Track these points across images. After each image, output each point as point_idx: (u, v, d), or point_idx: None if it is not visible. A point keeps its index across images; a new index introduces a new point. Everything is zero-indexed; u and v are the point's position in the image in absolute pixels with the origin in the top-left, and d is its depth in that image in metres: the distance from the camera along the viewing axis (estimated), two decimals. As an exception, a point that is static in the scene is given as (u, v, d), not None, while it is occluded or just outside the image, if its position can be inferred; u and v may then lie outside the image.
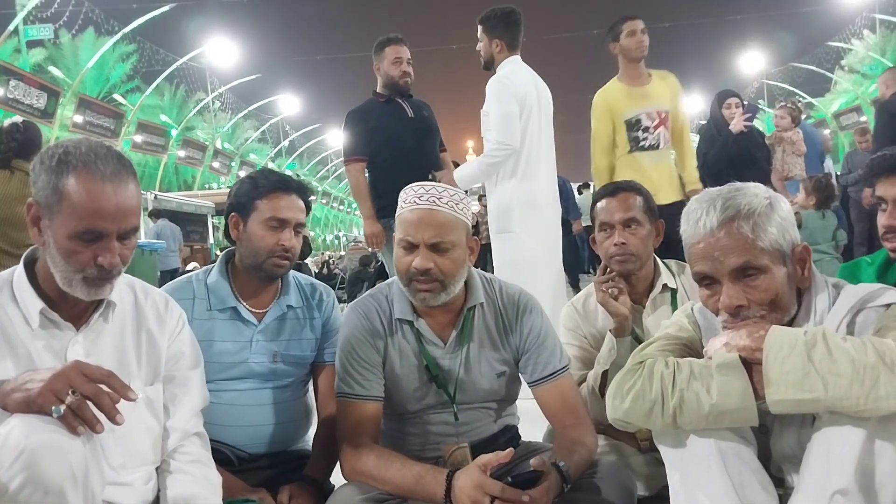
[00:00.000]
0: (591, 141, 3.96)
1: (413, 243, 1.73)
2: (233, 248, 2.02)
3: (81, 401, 1.25)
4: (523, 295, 1.90)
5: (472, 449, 1.72)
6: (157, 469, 1.55)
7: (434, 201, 1.74)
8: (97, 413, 1.26)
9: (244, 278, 1.98)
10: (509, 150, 3.64)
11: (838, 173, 7.68)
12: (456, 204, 1.75)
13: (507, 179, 3.71)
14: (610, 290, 2.08)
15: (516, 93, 3.66)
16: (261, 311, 1.98)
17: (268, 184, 1.94)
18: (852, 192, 7.13)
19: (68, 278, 1.39)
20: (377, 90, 4.09)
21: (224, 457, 1.86)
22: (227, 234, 2.01)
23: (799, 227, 4.96)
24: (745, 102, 5.34)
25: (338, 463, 1.84)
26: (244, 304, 1.97)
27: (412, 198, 1.76)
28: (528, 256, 3.67)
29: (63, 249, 1.37)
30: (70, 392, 1.25)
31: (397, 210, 1.80)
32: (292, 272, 2.07)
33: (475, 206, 9.02)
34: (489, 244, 4.02)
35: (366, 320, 1.82)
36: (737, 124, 4.95)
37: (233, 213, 1.97)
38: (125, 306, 1.54)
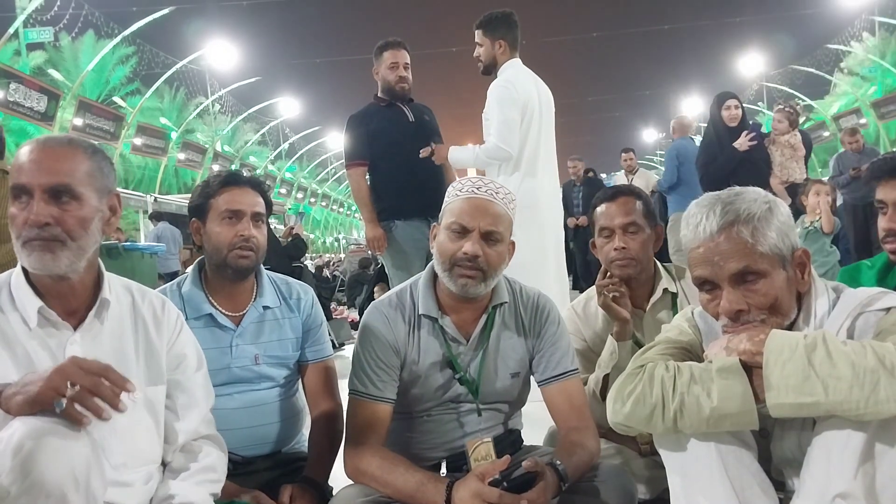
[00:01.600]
0: None
1: (467, 228, 1.75)
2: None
3: (82, 391, 1.26)
4: (542, 296, 1.93)
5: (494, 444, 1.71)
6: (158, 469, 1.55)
7: (492, 194, 1.79)
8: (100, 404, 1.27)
9: (216, 282, 1.98)
10: (507, 155, 3.64)
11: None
12: (509, 202, 1.82)
13: (508, 182, 3.69)
14: (611, 294, 2.09)
15: (518, 98, 3.66)
16: (238, 314, 1.98)
17: (218, 181, 1.98)
18: (845, 195, 7.09)
19: (17, 249, 1.40)
20: (378, 94, 4.09)
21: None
22: (192, 242, 2.02)
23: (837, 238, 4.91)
24: (751, 121, 5.42)
25: (337, 462, 1.84)
26: (220, 309, 1.96)
27: (470, 187, 1.79)
28: (529, 259, 3.66)
29: (10, 219, 1.40)
30: (69, 385, 1.26)
31: (447, 199, 1.82)
32: (268, 272, 2.07)
33: None
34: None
35: (388, 320, 1.82)
36: (741, 145, 5.05)
37: (193, 219, 2.00)
38: (123, 308, 1.55)
